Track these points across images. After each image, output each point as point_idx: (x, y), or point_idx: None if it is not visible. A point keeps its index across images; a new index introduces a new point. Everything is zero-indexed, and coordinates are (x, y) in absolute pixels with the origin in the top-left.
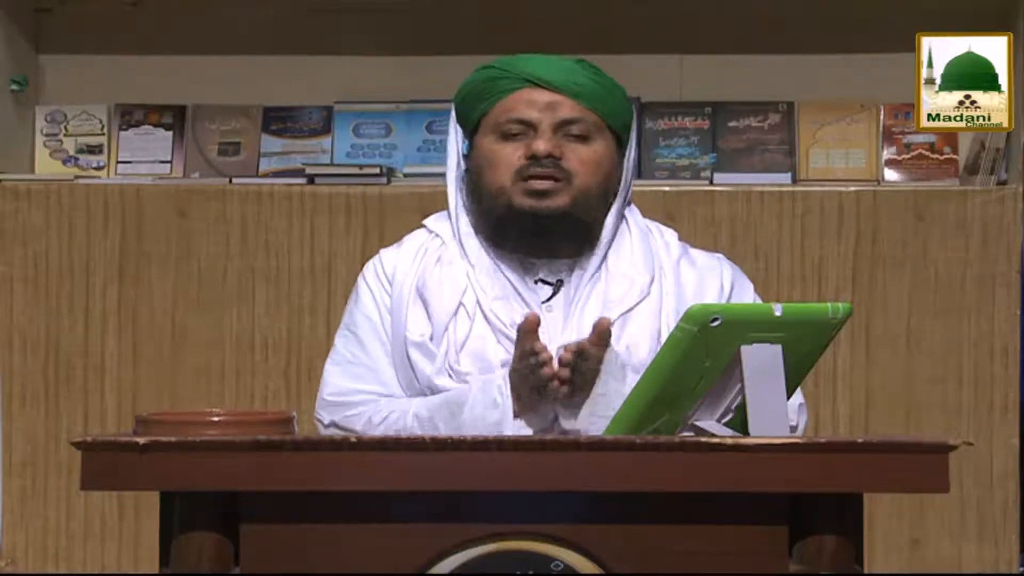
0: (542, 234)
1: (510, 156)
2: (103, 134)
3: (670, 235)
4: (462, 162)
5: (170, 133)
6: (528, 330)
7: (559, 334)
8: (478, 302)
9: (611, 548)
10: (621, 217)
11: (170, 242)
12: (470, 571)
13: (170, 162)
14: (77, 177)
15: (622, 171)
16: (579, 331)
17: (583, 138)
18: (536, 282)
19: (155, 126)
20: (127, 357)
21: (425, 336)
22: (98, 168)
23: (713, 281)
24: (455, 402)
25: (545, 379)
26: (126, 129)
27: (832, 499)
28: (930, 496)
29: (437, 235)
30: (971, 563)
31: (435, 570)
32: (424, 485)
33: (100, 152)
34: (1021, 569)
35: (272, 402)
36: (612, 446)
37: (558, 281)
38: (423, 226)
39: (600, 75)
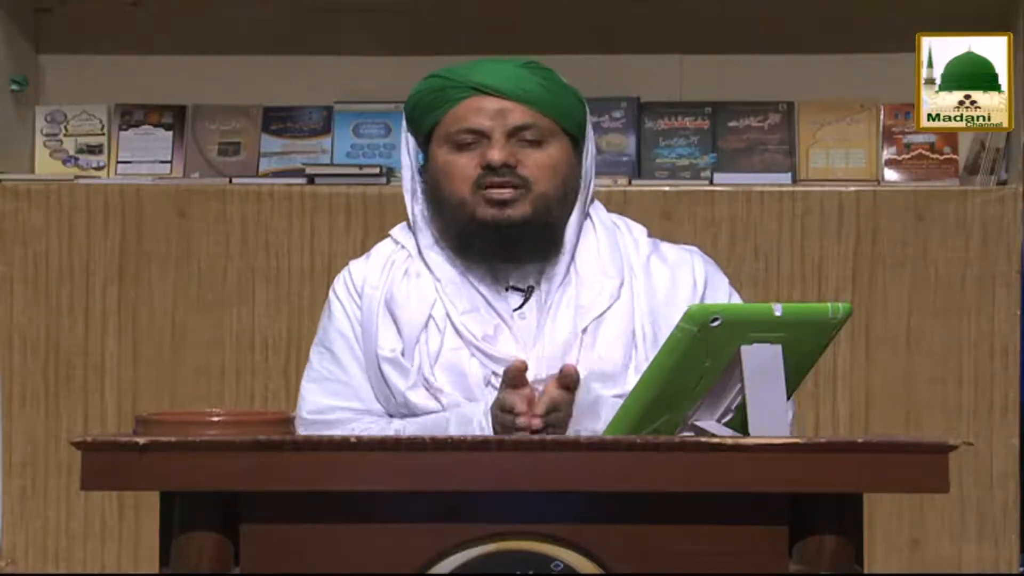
0: (507, 244)
1: (465, 167)
2: (103, 134)
3: (639, 231)
4: (416, 174)
5: (170, 133)
6: (511, 384)
7: (532, 342)
8: (448, 315)
9: (611, 548)
10: (584, 217)
11: (170, 242)
12: (470, 571)
13: (170, 162)
14: (77, 177)
15: (581, 171)
16: (552, 338)
17: (537, 143)
18: (507, 289)
19: (155, 126)
20: (127, 357)
21: (396, 351)
22: (98, 168)
23: (685, 276)
24: (433, 432)
25: (520, 431)
26: (126, 129)
27: (832, 499)
28: (930, 496)
29: (403, 247)
30: (971, 563)
31: (435, 570)
32: (424, 485)
33: (100, 152)
34: (1021, 569)
35: (272, 402)
36: (612, 446)
37: (529, 287)
38: (389, 236)
39: (550, 77)
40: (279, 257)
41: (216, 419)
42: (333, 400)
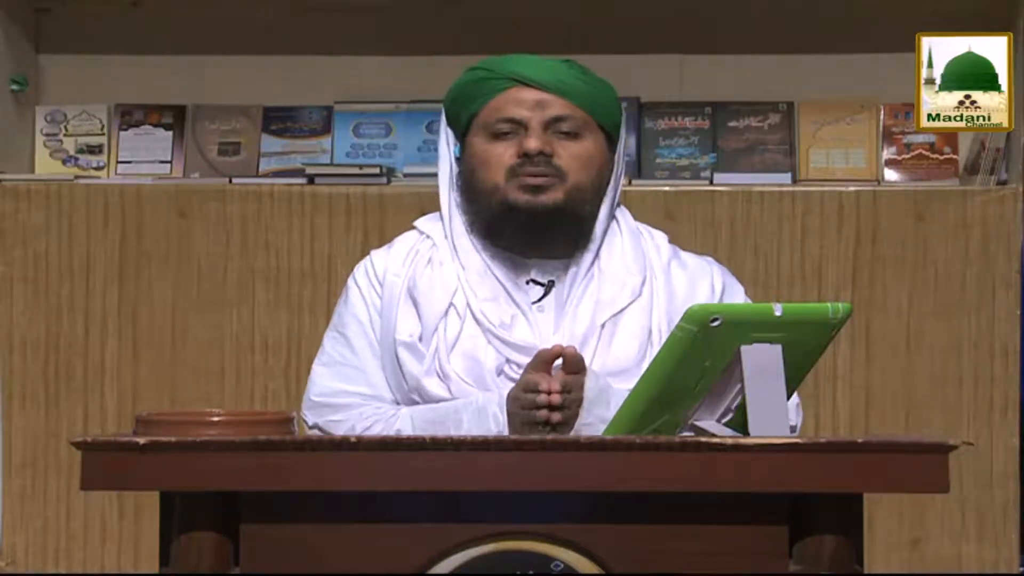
0: (537, 230)
1: (502, 155)
2: (103, 134)
3: (660, 237)
4: (454, 164)
5: (170, 133)
6: (544, 359)
7: (550, 335)
8: (468, 303)
9: (611, 548)
10: (612, 216)
11: (170, 242)
12: (470, 571)
13: (170, 162)
14: (77, 177)
15: (613, 169)
16: (571, 332)
17: (573, 135)
18: (528, 283)
19: (155, 126)
20: (127, 357)
21: (414, 336)
22: (98, 168)
23: (704, 284)
24: (445, 422)
25: (539, 421)
26: (126, 129)
27: (832, 499)
28: (930, 496)
29: (428, 236)
30: (971, 563)
31: (435, 570)
32: (424, 485)
33: (100, 152)
34: (1021, 569)
35: (272, 402)
36: (612, 446)
37: (549, 282)
38: (414, 227)
39: (588, 74)
40: (279, 257)
41: (216, 419)
42: (343, 384)
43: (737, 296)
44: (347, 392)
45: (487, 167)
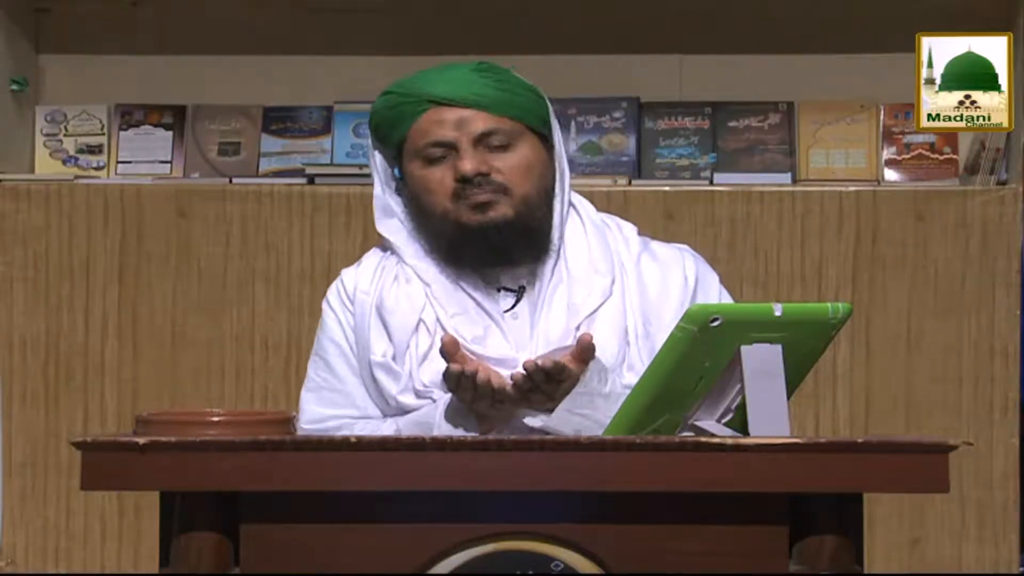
0: (496, 247)
1: (441, 179)
2: (103, 134)
3: (629, 229)
4: (388, 191)
5: (170, 133)
6: (449, 354)
7: (527, 341)
8: (438, 319)
9: (611, 548)
10: (567, 212)
11: (170, 242)
12: (470, 571)
13: (170, 162)
14: (77, 177)
15: (555, 166)
16: (546, 337)
17: (505, 147)
18: (499, 290)
19: (155, 126)
20: (127, 357)
21: (387, 356)
22: (98, 168)
23: (676, 274)
24: (423, 424)
25: (490, 390)
26: (126, 129)
27: (832, 499)
28: (930, 496)
29: (392, 252)
30: (971, 563)
31: (435, 570)
32: (424, 485)
33: (100, 152)
34: (1021, 569)
35: (272, 402)
36: (612, 446)
37: (520, 287)
38: (381, 237)
39: (504, 78)
40: (279, 257)
41: (216, 419)
42: (329, 409)
43: (711, 286)
44: (336, 416)
45: (431, 193)
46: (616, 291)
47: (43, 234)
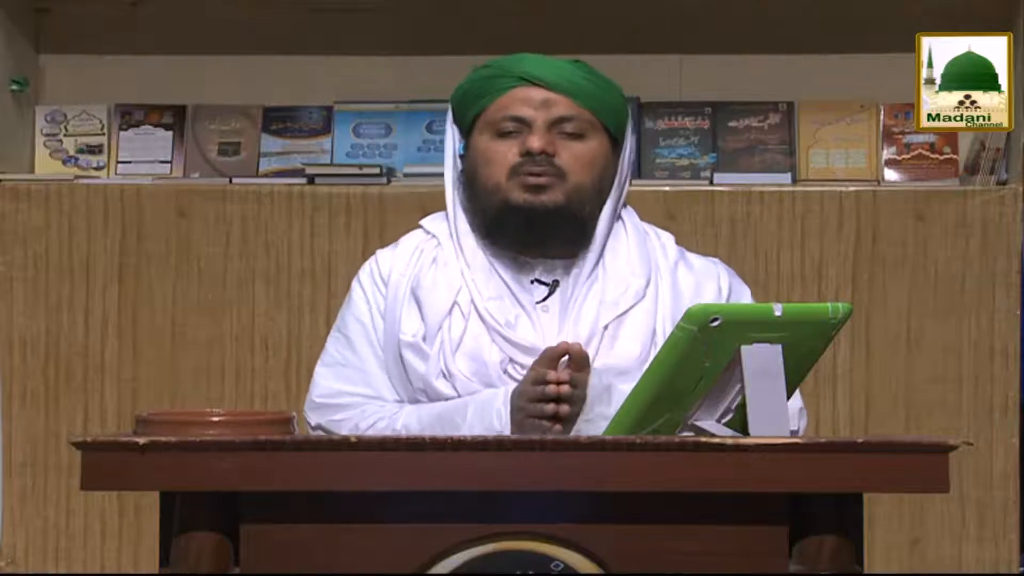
0: (537, 230)
1: (505, 153)
2: (103, 134)
3: (667, 238)
4: (458, 162)
5: (170, 133)
6: (551, 356)
7: (555, 335)
8: (472, 301)
9: (611, 548)
10: (616, 216)
11: (170, 242)
12: (470, 571)
13: (170, 162)
14: (77, 177)
15: (617, 170)
16: (575, 332)
17: (577, 136)
18: (532, 282)
19: (155, 126)
20: (127, 357)
21: (418, 336)
22: (98, 168)
23: (710, 285)
24: (449, 420)
25: (547, 414)
26: (126, 129)
27: (832, 499)
28: (930, 496)
29: (433, 235)
30: (971, 563)
31: (435, 570)
32: (424, 485)
33: (100, 152)
34: (1021, 569)
35: (272, 402)
36: (612, 446)
37: (554, 282)
38: (420, 226)
39: (595, 75)
40: (279, 257)
41: (216, 419)
42: (344, 385)
43: (744, 298)
44: (348, 393)
45: (490, 165)
46: (649, 294)
47: (43, 234)
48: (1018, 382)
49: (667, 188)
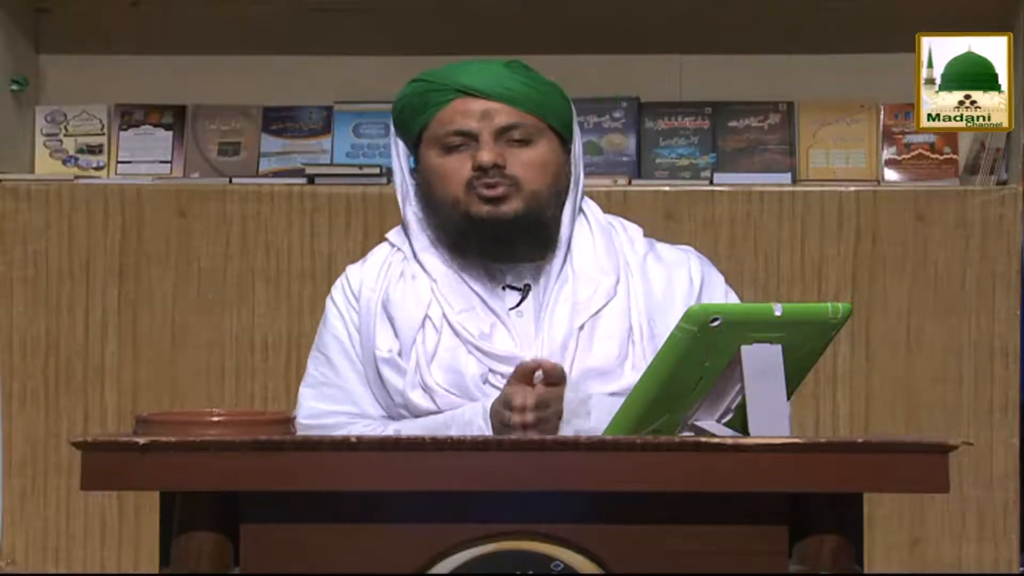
0: (502, 241)
1: (458, 168)
2: (103, 134)
3: (634, 231)
4: (408, 177)
5: (170, 133)
6: (525, 372)
7: (531, 339)
8: (444, 315)
9: (611, 548)
10: (577, 213)
11: (170, 242)
12: (470, 571)
13: (170, 162)
14: (77, 177)
15: (570, 168)
16: (550, 336)
17: (525, 142)
18: (504, 288)
19: (155, 126)
20: (127, 357)
21: (393, 351)
22: (98, 168)
23: (682, 276)
24: (430, 430)
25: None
26: (126, 129)
27: (832, 499)
28: (930, 496)
29: (399, 249)
30: (971, 563)
31: (435, 570)
32: (424, 485)
33: (100, 152)
34: (1021, 569)
35: (272, 402)
36: (612, 446)
37: (525, 286)
38: (386, 239)
39: (533, 76)
40: (279, 257)
41: (216, 419)
42: (328, 405)
43: (716, 287)
44: (334, 412)
45: (445, 181)
46: (621, 291)
47: (43, 234)
48: (1018, 382)
49: (667, 188)
